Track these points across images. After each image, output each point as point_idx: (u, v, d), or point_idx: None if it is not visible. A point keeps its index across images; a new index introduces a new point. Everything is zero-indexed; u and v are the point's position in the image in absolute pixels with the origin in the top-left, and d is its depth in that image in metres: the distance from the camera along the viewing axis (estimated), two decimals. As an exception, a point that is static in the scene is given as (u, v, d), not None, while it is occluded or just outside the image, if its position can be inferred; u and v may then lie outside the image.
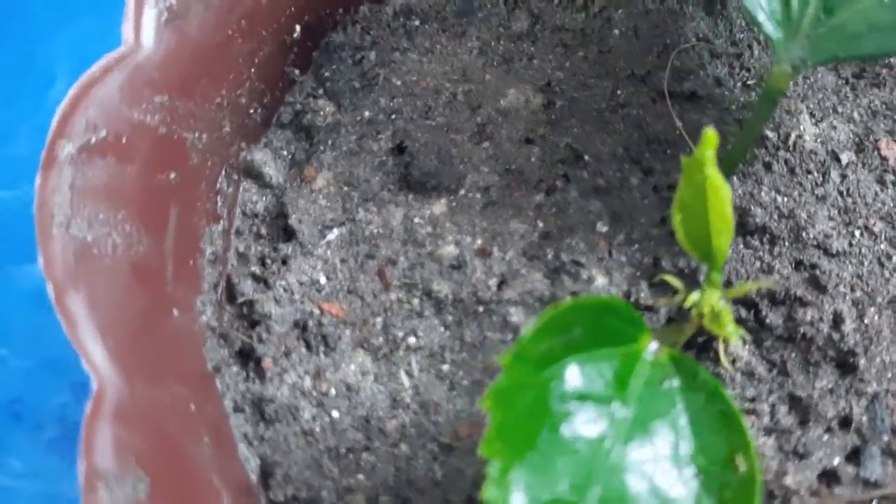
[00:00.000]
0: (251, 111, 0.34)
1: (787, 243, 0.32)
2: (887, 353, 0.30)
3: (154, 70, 0.28)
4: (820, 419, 0.29)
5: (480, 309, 0.32)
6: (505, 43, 0.39)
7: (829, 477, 0.28)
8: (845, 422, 0.29)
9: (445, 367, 0.31)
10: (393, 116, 0.36)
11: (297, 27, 0.35)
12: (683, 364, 0.26)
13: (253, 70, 0.33)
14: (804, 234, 0.32)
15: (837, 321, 0.30)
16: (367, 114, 0.36)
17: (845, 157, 0.35)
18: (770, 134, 0.35)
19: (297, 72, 0.36)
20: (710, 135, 0.24)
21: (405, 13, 0.39)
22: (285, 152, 0.35)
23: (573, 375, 0.24)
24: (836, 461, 0.28)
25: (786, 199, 0.33)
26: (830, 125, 0.36)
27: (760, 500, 0.23)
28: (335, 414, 0.29)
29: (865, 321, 0.30)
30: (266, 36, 0.34)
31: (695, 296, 0.27)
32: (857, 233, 0.33)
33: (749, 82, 0.37)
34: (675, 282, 0.29)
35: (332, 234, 0.32)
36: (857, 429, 0.28)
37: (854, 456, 0.28)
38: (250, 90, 0.33)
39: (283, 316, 0.30)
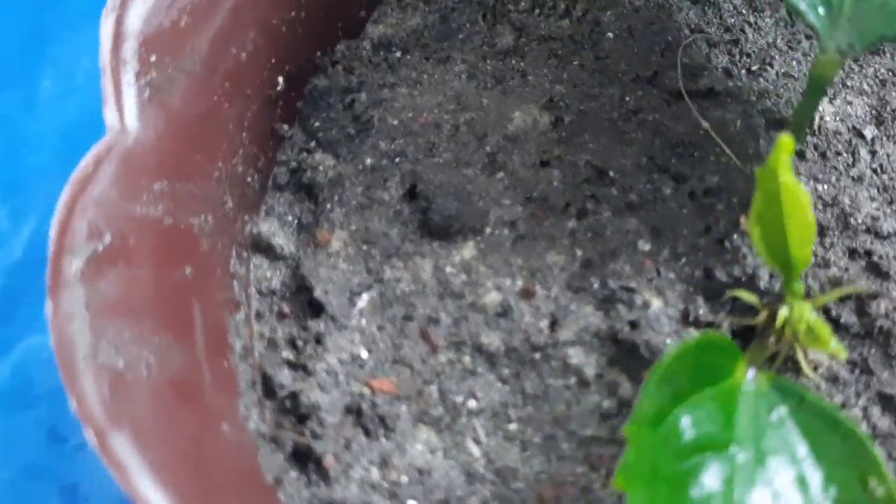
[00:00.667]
0: (248, 179, 0.30)
1: (837, 233, 0.31)
2: (964, 334, 0.29)
3: (147, 155, 0.25)
4: (917, 416, 0.27)
5: (536, 356, 0.29)
6: (493, 62, 0.36)
7: (943, 477, 0.26)
8: (941, 416, 0.27)
9: (513, 427, 0.28)
10: (397, 160, 0.33)
11: (280, 79, 0.32)
12: (786, 389, 0.24)
13: (244, 134, 0.30)
14: (852, 220, 0.31)
15: (910, 308, 0.29)
16: (368, 161, 0.33)
17: (868, 133, 0.34)
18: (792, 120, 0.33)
19: (285, 127, 0.33)
20: (786, 141, 0.23)
21: (385, 45, 0.36)
22: (290, 217, 0.32)
23: (687, 426, 0.22)
24: (946, 459, 0.26)
25: (826, 186, 0.32)
26: (845, 101, 0.35)
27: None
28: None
29: (935, 303, 0.29)
30: (251, 94, 0.31)
31: (784, 311, 0.25)
32: (901, 210, 0.32)
33: (753, 68, 0.35)
34: (749, 297, 0.27)
35: (363, 301, 0.29)
36: (957, 421, 0.27)
37: (961, 451, 0.27)
38: (244, 156, 0.30)
39: (332, 403, 0.27)
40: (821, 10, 0.25)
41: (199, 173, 0.27)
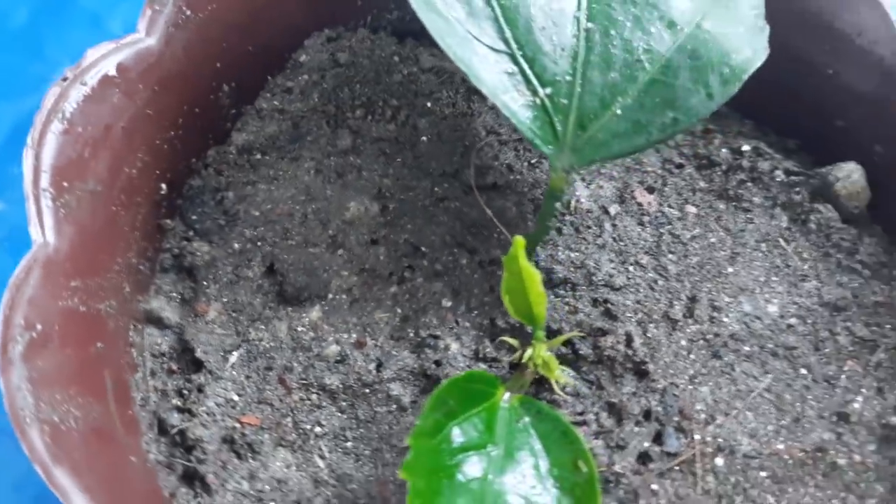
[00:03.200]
0: (141, 267, 0.39)
1: (583, 288, 0.42)
2: (667, 356, 0.41)
3: (64, 261, 0.34)
4: (630, 416, 0.39)
5: (367, 391, 0.39)
6: (335, 159, 0.46)
7: (644, 458, 0.38)
8: (647, 414, 0.39)
9: (349, 444, 0.38)
10: (259, 244, 0.43)
11: (163, 185, 0.42)
12: (530, 404, 0.35)
13: (136, 232, 0.39)
14: (594, 277, 0.43)
15: (629, 340, 0.40)
16: (236, 246, 0.43)
17: (613, 210, 0.46)
18: (557, 204, 0.45)
19: (168, 222, 0.42)
20: (519, 241, 0.34)
21: (247, 150, 0.46)
22: (175, 294, 0.41)
23: (456, 436, 0.33)
24: (647, 445, 0.38)
25: (577, 254, 0.43)
26: (598, 185, 0.47)
27: (599, 488, 0.33)
28: (274, 505, 0.36)
29: (648, 335, 0.41)
30: (141, 201, 0.40)
31: (529, 352, 0.36)
32: (631, 268, 0.44)
33: (532, 161, 0.47)
34: (511, 341, 0.38)
35: (234, 357, 0.39)
36: (657, 417, 0.39)
37: (658, 438, 0.39)
38: (137, 250, 0.39)
39: (211, 436, 0.36)
40: (550, 144, 0.37)
41: (104, 269, 0.36)
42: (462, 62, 0.36)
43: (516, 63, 0.37)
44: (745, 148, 0.49)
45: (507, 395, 0.35)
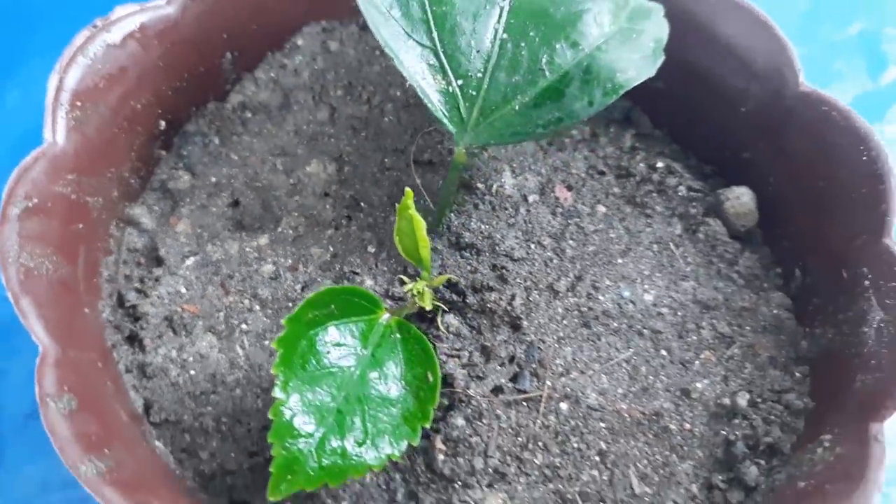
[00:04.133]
0: (132, 181, 0.50)
1: (486, 254, 0.51)
2: (542, 318, 0.49)
3: (67, 158, 0.44)
4: (497, 357, 0.47)
5: (290, 304, 0.49)
6: (312, 127, 0.56)
7: (497, 390, 0.46)
8: (512, 359, 0.47)
9: (266, 343, 0.47)
10: (231, 181, 0.53)
11: (163, 122, 0.52)
12: (403, 326, 0.44)
13: (132, 153, 0.50)
14: (497, 247, 0.51)
15: (512, 300, 0.49)
16: (213, 180, 0.53)
17: (532, 198, 0.54)
18: (480, 185, 0.54)
19: (163, 152, 0.53)
20: (409, 192, 0.42)
21: (241, 108, 0.56)
22: (156, 208, 0.51)
23: (333, 333, 0.41)
24: (503, 381, 0.46)
25: (487, 226, 0.52)
26: (525, 178, 0.55)
27: (437, 395, 0.41)
28: (192, 372, 0.45)
29: (530, 298, 0.49)
30: (141, 130, 0.50)
31: (410, 285, 0.45)
32: (532, 246, 0.52)
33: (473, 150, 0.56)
34: (406, 280, 0.47)
35: (190, 261, 0.49)
36: (518, 362, 0.47)
37: (515, 378, 0.47)
38: (131, 167, 0.50)
39: (156, 314, 0.46)
40: (455, 124, 0.46)
41: (98, 173, 0.47)
42: (391, 50, 0.45)
43: (437, 57, 0.46)
44: (660, 165, 0.57)
45: (386, 315, 0.44)
